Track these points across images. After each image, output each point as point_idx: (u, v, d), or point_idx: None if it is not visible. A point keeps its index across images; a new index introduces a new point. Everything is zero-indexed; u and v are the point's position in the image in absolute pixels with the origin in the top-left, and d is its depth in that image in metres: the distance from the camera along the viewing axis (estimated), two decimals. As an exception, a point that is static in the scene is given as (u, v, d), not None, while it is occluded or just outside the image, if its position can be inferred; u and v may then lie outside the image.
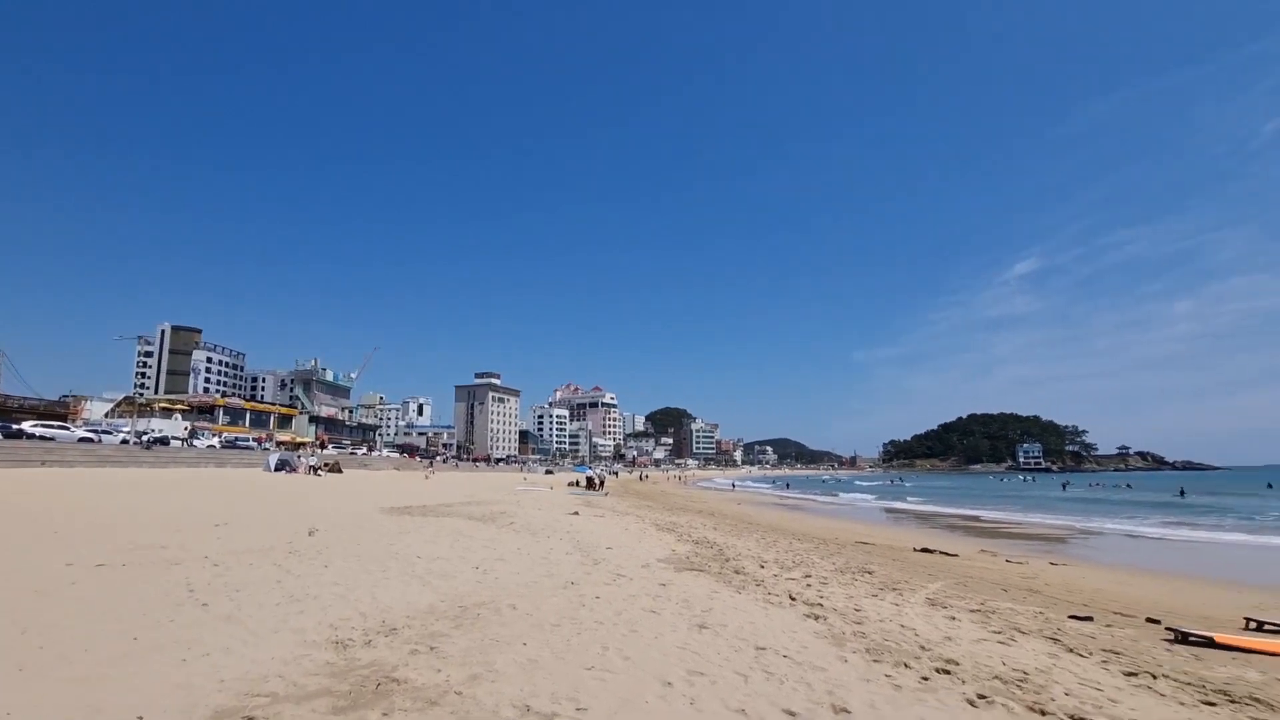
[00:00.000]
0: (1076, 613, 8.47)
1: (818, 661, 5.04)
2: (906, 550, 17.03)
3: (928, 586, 9.73)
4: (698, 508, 34.08)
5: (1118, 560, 18.92)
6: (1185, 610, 10.17)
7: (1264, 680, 5.60)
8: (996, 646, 5.97)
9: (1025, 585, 11.51)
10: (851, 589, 8.71)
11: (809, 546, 15.22)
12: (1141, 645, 6.70)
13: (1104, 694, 4.67)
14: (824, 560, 12.18)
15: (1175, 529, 28.58)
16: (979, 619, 7.28)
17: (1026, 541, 23.14)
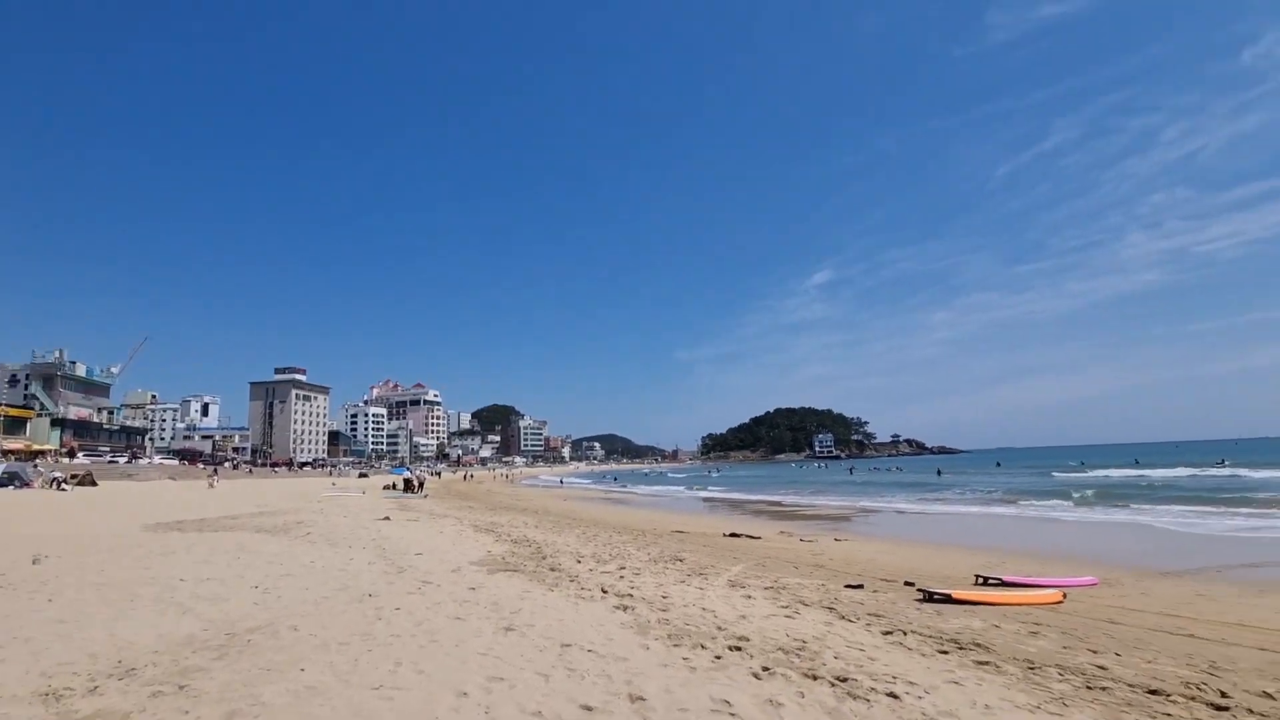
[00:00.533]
0: (851, 582, 9.58)
1: (621, 652, 5.11)
2: (717, 536, 18.17)
3: (731, 569, 10.43)
4: (522, 506, 33.60)
5: (888, 533, 21.89)
6: (934, 572, 11.96)
7: (984, 627, 6.73)
8: (783, 620, 6.53)
9: (813, 561, 12.80)
10: (662, 577, 9.05)
11: (628, 538, 15.63)
12: (898, 606, 7.74)
13: (865, 653, 5.28)
14: (640, 551, 12.56)
15: (931, 504, 33.80)
16: (771, 596, 7.92)
17: (818, 522, 25.92)
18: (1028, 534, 20.66)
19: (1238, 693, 4.65)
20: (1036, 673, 4.92)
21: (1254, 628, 7.66)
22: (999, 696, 4.27)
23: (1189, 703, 4.32)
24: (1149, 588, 10.68)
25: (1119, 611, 8.54)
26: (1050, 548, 16.83)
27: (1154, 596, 9.87)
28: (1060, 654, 5.67)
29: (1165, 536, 18.53)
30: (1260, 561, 13.53)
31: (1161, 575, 11.92)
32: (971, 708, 4.03)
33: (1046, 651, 5.74)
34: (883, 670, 4.81)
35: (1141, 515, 23.86)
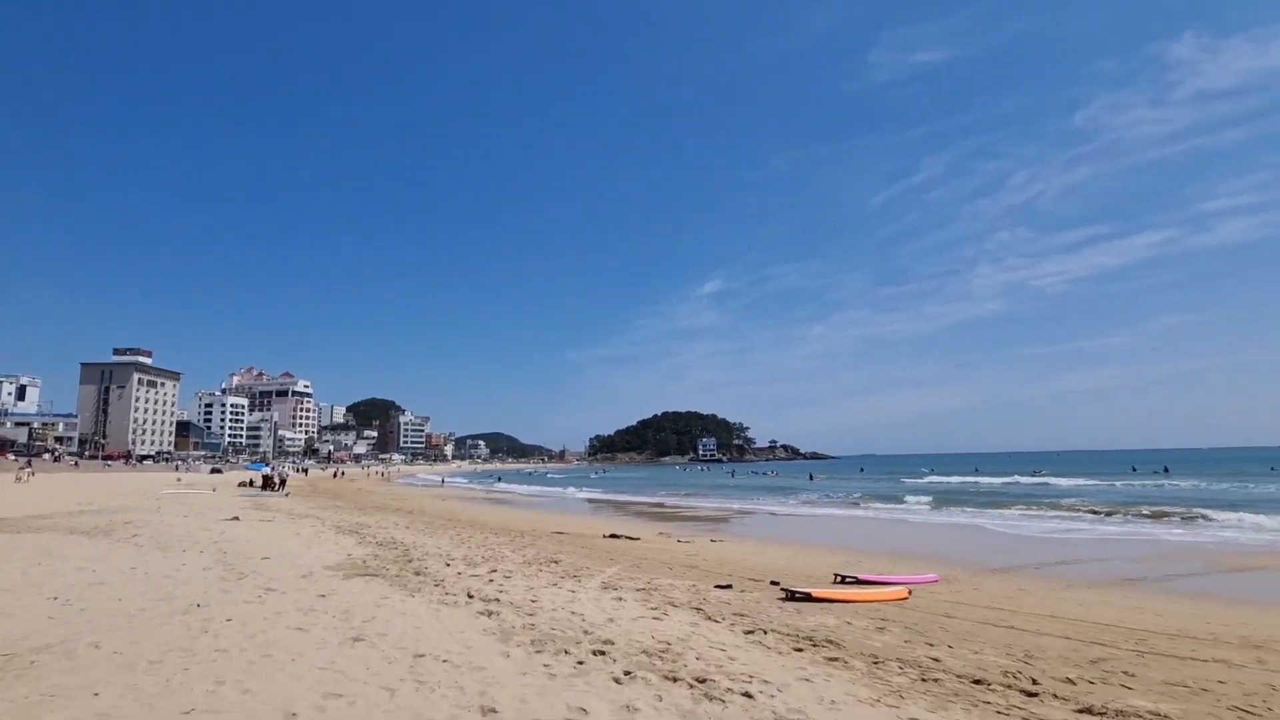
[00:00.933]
0: (721, 582, 9.83)
1: (479, 661, 4.86)
2: (597, 537, 18.11)
3: (606, 571, 10.38)
4: (396, 505, 31.90)
5: (760, 534, 22.85)
6: (799, 572, 12.55)
7: (837, 624, 7.11)
8: (651, 622, 6.53)
9: (688, 562, 13.05)
10: (534, 580, 8.82)
11: (504, 540, 15.20)
12: (762, 606, 8.01)
13: (726, 653, 5.38)
14: (515, 553, 12.23)
15: (801, 506, 35.76)
16: (642, 597, 7.94)
17: (696, 523, 26.60)
18: (882, 534, 22.32)
19: (1046, 679, 5.17)
20: (879, 667, 5.23)
21: (1062, 619, 8.64)
22: (844, 691, 4.48)
23: (1005, 690, 4.74)
24: (980, 583, 11.79)
25: (954, 606, 9.35)
26: (900, 547, 18.26)
27: (984, 591, 10.91)
28: (901, 648, 6.07)
29: (994, 537, 20.69)
30: (1069, 559, 15.38)
31: (991, 572, 13.23)
32: (819, 704, 4.19)
33: (890, 646, 6.12)
34: (740, 670, 4.90)
35: (976, 518, 26.58)
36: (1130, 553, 16.66)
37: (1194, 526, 21.84)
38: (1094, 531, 21.15)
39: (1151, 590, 11.43)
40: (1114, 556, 15.98)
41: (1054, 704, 4.46)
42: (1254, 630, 8.19)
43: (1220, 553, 16.20)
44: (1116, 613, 9.25)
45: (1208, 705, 4.70)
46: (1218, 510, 25.93)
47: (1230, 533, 20.10)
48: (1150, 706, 4.53)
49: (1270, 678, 5.83)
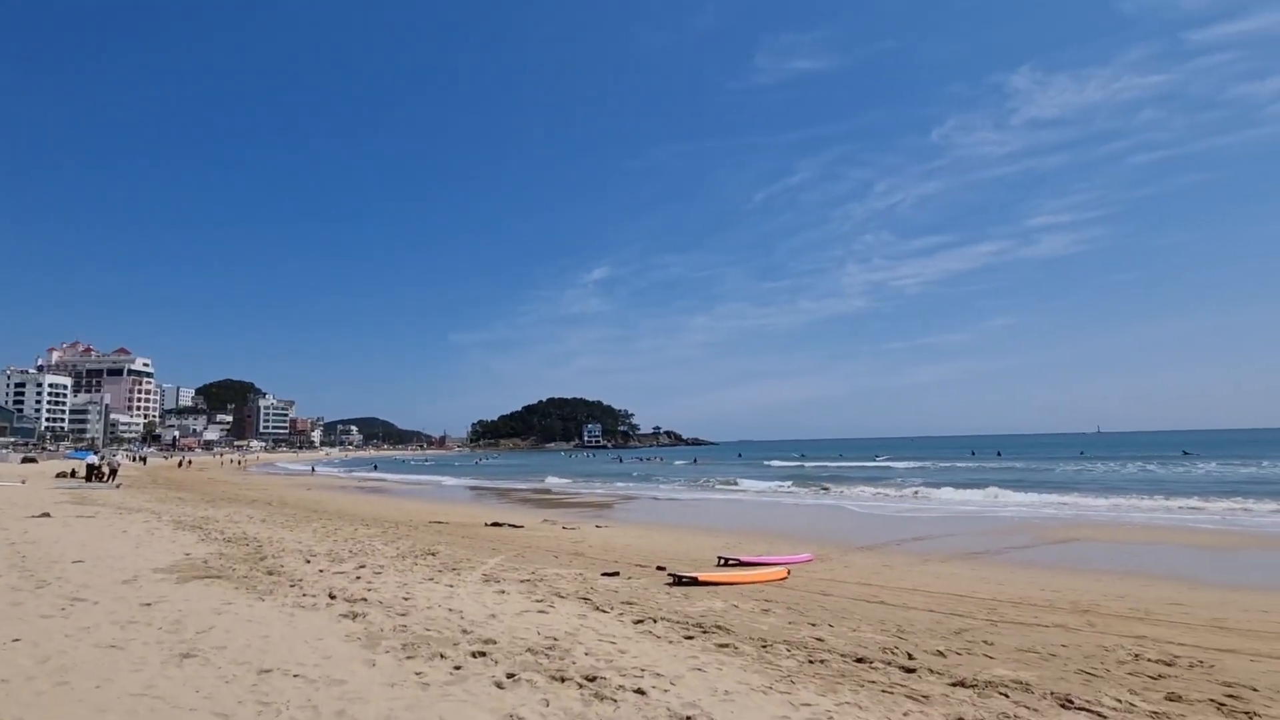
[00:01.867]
0: (608, 570, 9.63)
1: (338, 673, 4.28)
2: (478, 526, 17.39)
3: (487, 562, 9.86)
4: (253, 497, 29.08)
5: (645, 519, 23.05)
6: (684, 555, 12.66)
7: (725, 607, 7.12)
8: (536, 616, 6.17)
9: (573, 550, 12.77)
10: (408, 575, 8.15)
11: (376, 532, 14.14)
12: (650, 592, 7.88)
13: (616, 646, 5.14)
14: (387, 546, 11.35)
15: (684, 491, 36.66)
16: (527, 589, 7.54)
17: (581, 509, 26.41)
18: (759, 516, 23.27)
19: (920, 653, 5.40)
20: (769, 650, 5.21)
21: (923, 592, 9.25)
22: (737, 680, 4.38)
23: (886, 667, 4.87)
24: (850, 561, 12.47)
25: (829, 584, 9.76)
26: (776, 528, 19.08)
27: (854, 568, 11.52)
28: (787, 629, 6.14)
29: (857, 517, 22.20)
30: (923, 536, 16.73)
31: (858, 550, 14.06)
32: (713, 695, 4.04)
33: (776, 628, 6.18)
34: (632, 664, 4.68)
35: (841, 500, 28.53)
36: (972, 528, 18.41)
37: (1022, 503, 24.63)
38: (942, 510, 23.27)
39: (993, 562, 12.60)
40: (960, 532, 17.58)
41: (930, 679, 4.62)
42: (1080, 595, 9.18)
43: (1045, 526, 18.29)
44: (968, 584, 10.05)
45: (1057, 670, 5.08)
46: (1044, 491, 29.44)
47: (1050, 510, 22.83)
48: (1011, 675, 4.82)
49: (1102, 639, 6.48)
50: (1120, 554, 13.80)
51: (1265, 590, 9.78)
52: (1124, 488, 29.17)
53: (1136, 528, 17.93)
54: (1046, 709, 4.06)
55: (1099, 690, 4.52)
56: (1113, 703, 4.23)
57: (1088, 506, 23.25)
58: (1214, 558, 13.19)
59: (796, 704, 3.92)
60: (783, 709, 3.83)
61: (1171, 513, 20.94)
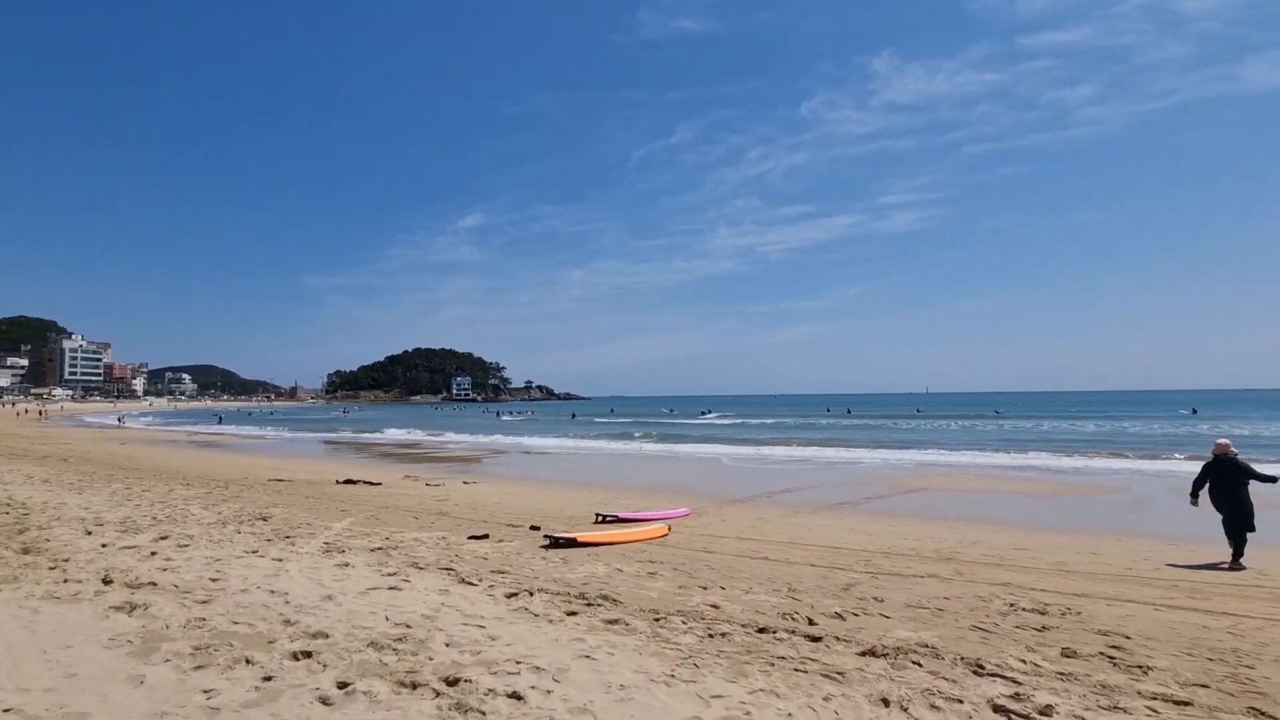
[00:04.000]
0: (476, 532, 8.66)
1: (79, 701, 3.03)
2: (328, 484, 15.61)
3: (332, 527, 8.51)
4: (45, 452, 24.56)
5: (517, 474, 22.08)
6: (559, 512, 11.95)
7: (608, 572, 6.45)
8: (386, 595, 5.12)
9: (437, 509, 11.62)
10: (224, 547, 6.68)
11: (197, 493, 12.05)
12: (524, 557, 7.05)
13: (485, 631, 4.27)
14: (207, 510, 9.55)
15: (561, 441, 36.01)
16: (378, 560, 6.42)
17: (448, 464, 24.90)
18: (633, 470, 23.13)
19: (819, 616, 5.04)
20: (664, 625, 4.59)
21: (801, 545, 9.20)
22: (633, 668, 3.68)
23: (791, 636, 4.42)
24: (726, 514, 12.39)
25: (710, 539, 9.47)
26: (650, 481, 18.93)
27: (731, 522, 11.41)
28: (678, 596, 5.59)
29: (727, 469, 22.75)
30: (791, 488, 17.25)
31: (732, 503, 14.11)
32: (607, 692, 3.31)
33: (667, 595, 5.60)
34: (505, 654, 3.83)
35: (711, 451, 29.33)
36: (833, 479, 19.34)
37: (874, 456, 26.51)
38: (806, 463, 24.46)
39: (857, 512, 13.09)
40: (823, 484, 18.36)
41: (839, 648, 4.21)
42: (940, 543, 9.56)
43: (897, 477, 19.61)
44: (839, 535, 10.21)
45: (952, 628, 4.92)
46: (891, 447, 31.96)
47: (898, 461, 24.71)
48: (914, 637, 4.56)
49: (975, 589, 6.57)
50: (963, 502, 14.92)
51: (1085, 533, 10.80)
52: (952, 442, 32.35)
53: (971, 477, 19.71)
54: (962, 678, 3.75)
55: (999, 650, 4.35)
56: (1019, 664, 4.04)
57: (928, 458, 25.41)
58: (1038, 504, 14.61)
59: (706, 696, 3.29)
60: (691, 705, 3.19)
61: (996, 463, 23.36)
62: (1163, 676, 3.94)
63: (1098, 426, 46.39)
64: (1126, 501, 15.00)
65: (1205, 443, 30.53)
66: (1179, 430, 40.69)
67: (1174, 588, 7.07)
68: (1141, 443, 31.14)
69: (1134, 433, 39.33)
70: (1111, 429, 43.58)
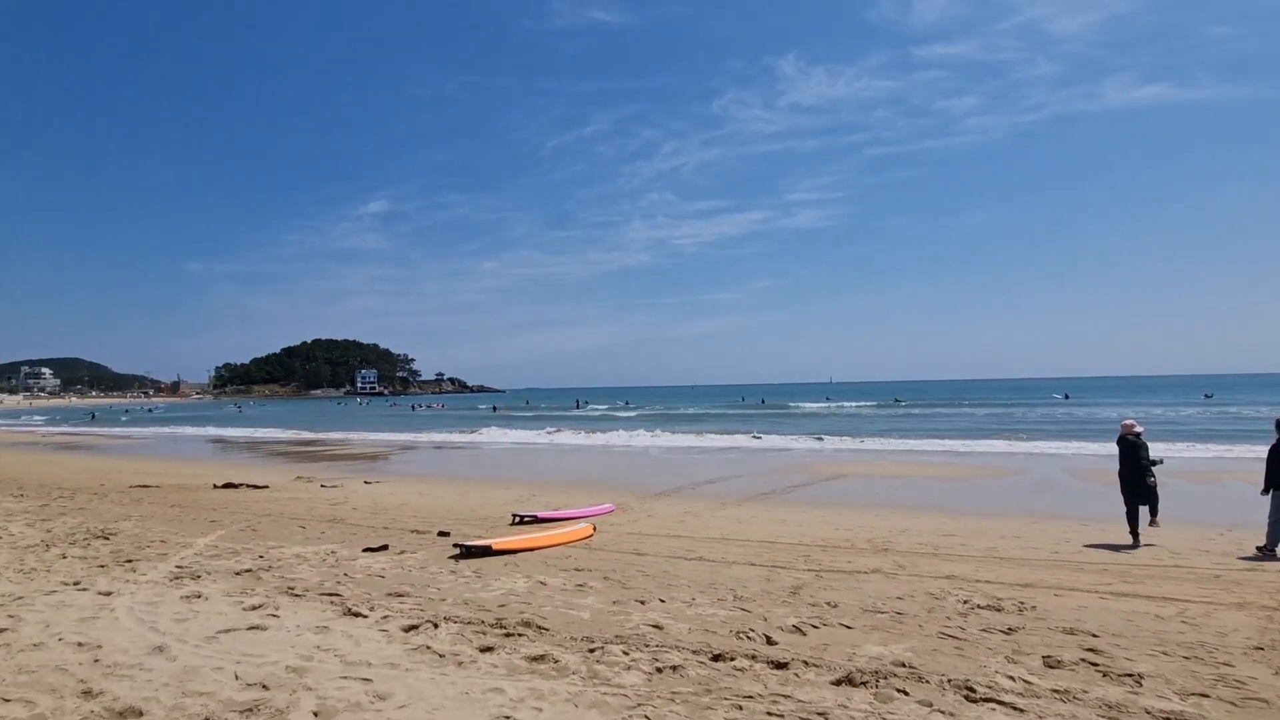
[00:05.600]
0: (372, 543, 7.51)
1: None
2: (204, 489, 13.73)
3: (193, 544, 7.10)
4: None
5: (425, 471, 20.58)
6: (471, 513, 10.88)
7: (530, 587, 5.57)
8: (243, 638, 4.00)
9: (330, 514, 10.26)
10: (34, 580, 5.24)
11: (28, 506, 10.06)
12: (429, 573, 6.04)
13: (372, 687, 3.29)
14: (32, 528, 7.82)
15: (467, 438, 34.31)
16: (241, 586, 5.22)
17: (349, 462, 22.95)
18: (550, 463, 22.17)
19: (775, 633, 4.40)
20: (600, 658, 3.78)
21: (736, 541, 8.66)
22: (567, 728, 2.86)
23: (752, 664, 3.73)
24: (652, 509, 11.74)
25: (639, 539, 8.76)
26: (566, 475, 18.08)
27: (657, 518, 10.76)
28: (614, 616, 4.80)
29: (645, 460, 22.25)
30: (713, 478, 16.88)
31: (655, 496, 13.49)
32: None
33: (600, 615, 4.80)
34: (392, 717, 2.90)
35: (631, 442, 28.81)
36: (753, 468, 19.19)
37: (791, 444, 26.81)
38: (730, 451, 24.33)
39: (783, 502, 12.81)
40: (744, 473, 18.13)
41: (810, 675, 3.56)
42: (872, 533, 9.29)
43: (814, 465, 19.72)
44: (771, 528, 9.77)
45: (921, 638, 4.42)
46: (803, 434, 32.57)
47: (812, 449, 25.06)
48: (887, 654, 4.00)
49: (923, 584, 6.20)
50: (882, 488, 15.01)
51: (1003, 516, 10.93)
52: (862, 430, 33.39)
53: (884, 463, 20.11)
54: (958, 708, 3.19)
55: (980, 665, 3.86)
56: (1008, 682, 3.54)
57: (842, 446, 25.94)
58: (951, 488, 14.92)
59: (665, 768, 2.52)
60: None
61: (904, 449, 24.09)
62: (1157, 685, 3.56)
63: (987, 412, 49.63)
64: (1029, 483, 15.58)
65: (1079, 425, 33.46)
66: (1055, 413, 44.30)
67: (1105, 571, 7.02)
68: (1024, 427, 33.32)
69: (1018, 417, 42.30)
70: (999, 414, 46.72)
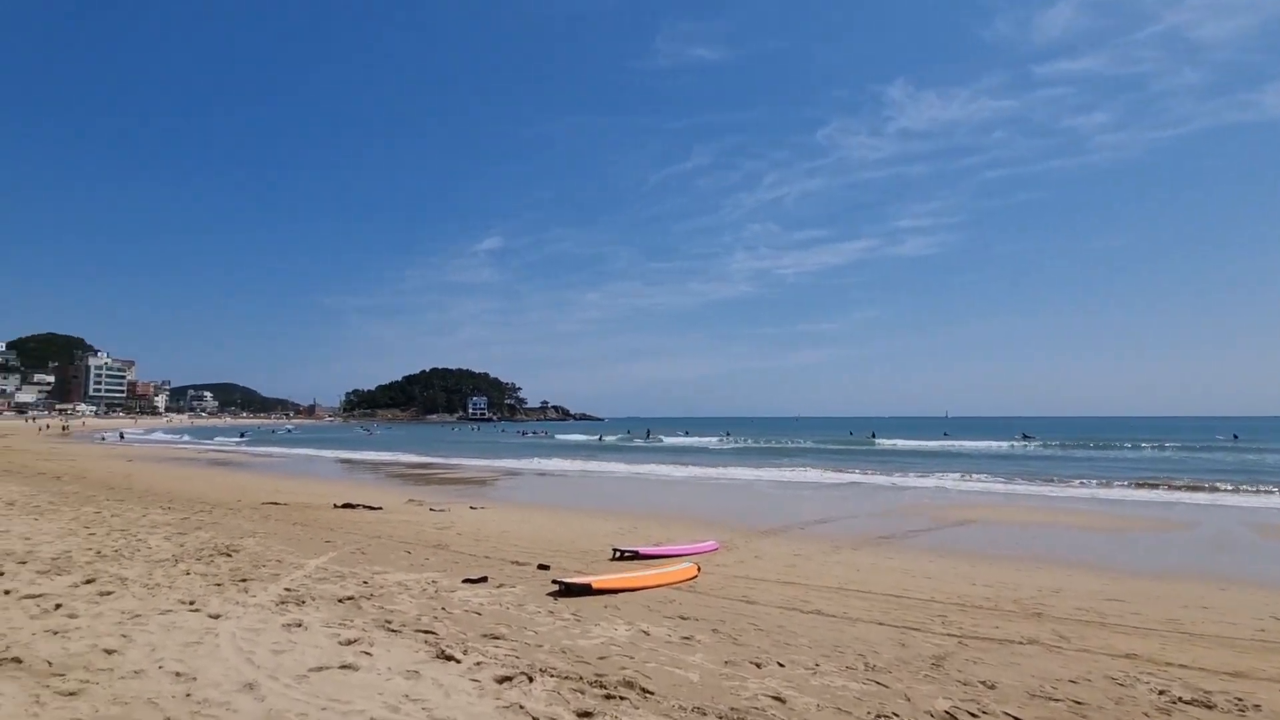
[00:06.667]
0: (472, 574, 7.34)
1: None
2: (324, 508, 14.42)
3: (305, 565, 7.24)
4: (40, 468, 23.74)
5: (528, 498, 20.79)
6: (571, 544, 10.61)
7: (631, 636, 5.10)
8: (334, 678, 3.81)
9: (435, 539, 10.34)
10: (155, 597, 5.41)
11: (171, 519, 10.88)
12: (527, 611, 5.72)
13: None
14: (168, 541, 8.33)
15: (576, 463, 34.64)
16: (341, 616, 5.12)
17: (457, 486, 23.66)
18: (651, 494, 21.73)
19: (923, 716, 3.65)
20: (712, 737, 3.24)
21: (857, 592, 7.77)
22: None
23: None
24: (757, 548, 10.97)
25: (747, 584, 8.09)
26: (670, 508, 17.54)
27: (765, 559, 9.99)
28: (726, 680, 4.21)
29: (752, 495, 21.24)
30: (822, 517, 15.75)
31: (761, 534, 12.66)
32: None
33: (711, 676, 4.23)
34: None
35: (733, 475, 27.75)
36: (866, 508, 17.81)
37: (908, 482, 24.79)
38: (840, 488, 22.84)
39: (904, 548, 11.58)
40: (858, 513, 16.84)
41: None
42: (1017, 592, 8.08)
43: (938, 507, 17.98)
44: (895, 578, 8.77)
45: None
46: (923, 471, 30.21)
47: (935, 489, 23.03)
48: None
49: (1098, 663, 5.12)
50: (1021, 538, 13.35)
51: (1178, 579, 9.26)
52: (988, 469, 30.43)
53: (1020, 508, 18.04)
54: None
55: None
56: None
57: (966, 486, 23.70)
58: (1107, 542, 13.00)
59: None
60: None
61: (1041, 493, 21.56)
62: None
63: (1137, 454, 44.02)
64: (1204, 540, 13.33)
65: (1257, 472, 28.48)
66: (1223, 458, 38.27)
67: (1342, 662, 5.58)
68: (1186, 471, 29.05)
69: (1175, 461, 37.04)
70: (1153, 457, 41.25)
